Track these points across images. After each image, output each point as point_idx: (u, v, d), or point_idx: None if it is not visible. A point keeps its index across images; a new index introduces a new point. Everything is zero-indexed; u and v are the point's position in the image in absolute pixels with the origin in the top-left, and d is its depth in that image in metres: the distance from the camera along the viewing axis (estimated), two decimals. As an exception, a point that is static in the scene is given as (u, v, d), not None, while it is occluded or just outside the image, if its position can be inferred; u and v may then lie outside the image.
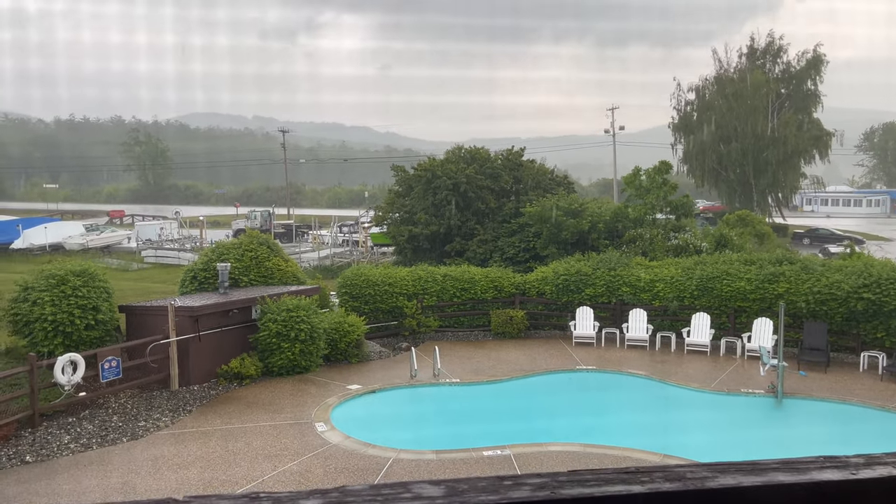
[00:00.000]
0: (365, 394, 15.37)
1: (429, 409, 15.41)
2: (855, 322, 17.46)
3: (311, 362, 16.62)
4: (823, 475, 1.11)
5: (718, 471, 1.14)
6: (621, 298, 20.38)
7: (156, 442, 12.35)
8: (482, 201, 29.56)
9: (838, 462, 1.16)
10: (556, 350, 19.12)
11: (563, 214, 25.65)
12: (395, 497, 1.05)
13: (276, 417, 13.55)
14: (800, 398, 14.88)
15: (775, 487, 1.09)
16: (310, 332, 16.40)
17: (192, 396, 14.83)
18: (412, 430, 13.95)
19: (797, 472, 1.12)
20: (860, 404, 14.50)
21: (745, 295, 18.90)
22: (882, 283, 17.09)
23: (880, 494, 1.10)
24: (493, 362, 17.91)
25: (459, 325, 21.39)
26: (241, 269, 18.59)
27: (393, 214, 31.69)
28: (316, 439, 12.41)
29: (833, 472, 1.12)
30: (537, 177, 31.65)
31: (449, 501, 1.04)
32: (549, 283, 21.28)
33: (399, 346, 19.63)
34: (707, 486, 1.09)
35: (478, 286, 21.36)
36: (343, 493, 1.07)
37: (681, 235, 26.19)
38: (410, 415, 15.21)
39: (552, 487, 1.08)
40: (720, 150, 50.76)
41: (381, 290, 20.70)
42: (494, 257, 27.01)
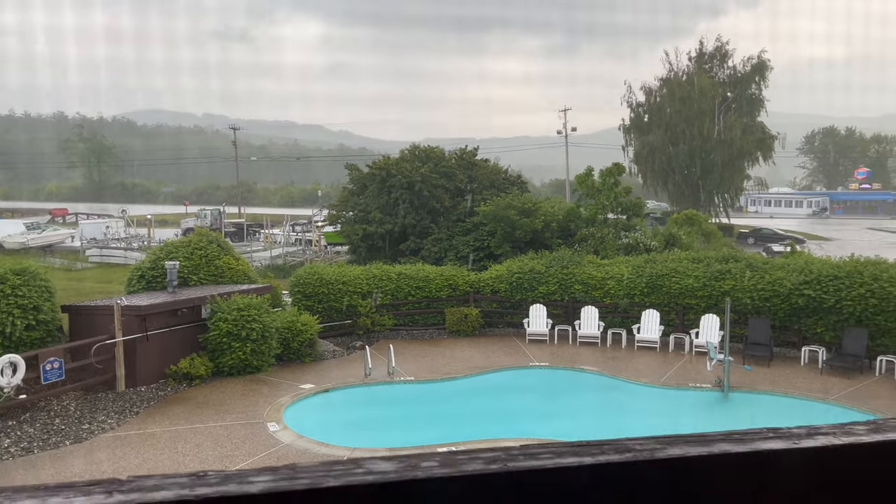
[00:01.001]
0: (318, 393, 15.23)
1: (383, 407, 15.35)
2: (796, 318, 18.06)
3: (262, 362, 16.38)
4: (767, 445, 1.14)
5: (667, 443, 1.16)
6: (574, 296, 20.65)
7: (100, 445, 12.00)
8: (437, 200, 29.59)
9: (782, 433, 1.19)
10: (509, 347, 19.27)
11: (517, 213, 25.87)
12: (346, 473, 1.04)
13: (226, 418, 13.31)
14: (745, 391, 15.33)
15: (721, 457, 1.12)
16: (261, 331, 16.16)
17: (139, 398, 14.45)
18: (366, 428, 13.88)
19: (742, 443, 1.15)
20: (801, 397, 15.01)
21: (693, 292, 19.36)
22: (821, 280, 17.71)
23: (819, 461, 1.13)
24: (448, 360, 17.95)
25: (414, 324, 21.37)
26: (191, 268, 18.20)
27: (347, 213, 31.47)
28: (268, 439, 12.24)
29: (776, 443, 1.15)
30: (491, 176, 31.84)
31: (401, 476, 1.04)
32: (504, 281, 21.43)
33: (353, 344, 19.50)
34: (656, 456, 1.11)
35: (432, 284, 21.37)
36: (293, 471, 1.05)
37: (631, 234, 26.69)
38: (365, 413, 15.13)
39: (504, 461, 1.09)
40: (669, 151, 51.92)
41: (335, 289, 20.53)
42: (449, 256, 27.07)
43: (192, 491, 0.96)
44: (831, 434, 1.19)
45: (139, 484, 0.97)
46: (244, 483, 1.01)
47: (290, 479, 1.02)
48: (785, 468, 1.14)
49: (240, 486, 1.00)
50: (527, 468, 1.07)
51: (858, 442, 1.16)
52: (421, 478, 1.04)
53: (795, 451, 1.13)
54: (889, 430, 1.21)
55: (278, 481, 1.01)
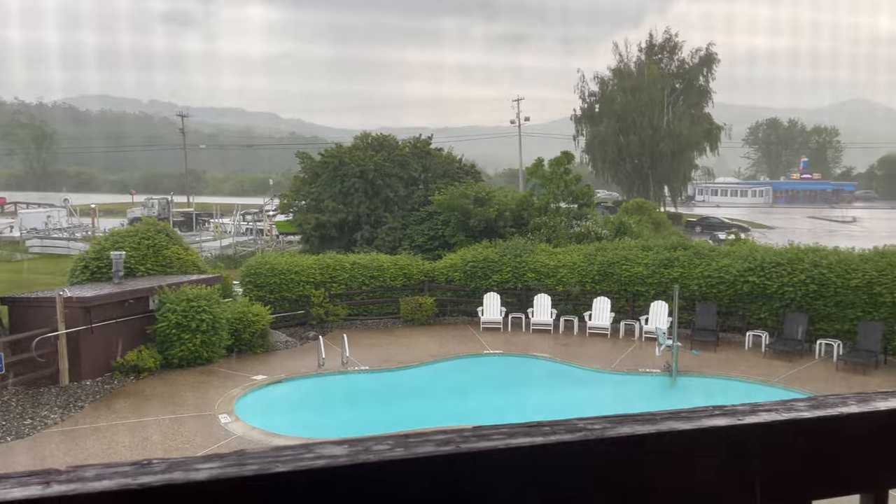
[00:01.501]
0: (271, 384, 15.05)
1: (337, 396, 15.26)
2: (741, 303, 18.60)
3: (213, 353, 16.10)
4: (713, 422, 1.17)
5: (616, 422, 1.18)
6: (527, 284, 20.86)
7: (44, 440, 11.64)
8: (391, 189, 29.46)
9: (726, 410, 1.22)
10: (464, 335, 19.36)
11: (471, 202, 25.95)
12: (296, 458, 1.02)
13: (176, 411, 13.05)
14: (692, 375, 15.75)
15: (669, 434, 1.14)
16: (212, 322, 15.87)
17: (84, 392, 14.05)
18: (320, 418, 13.80)
19: (689, 421, 1.17)
20: (745, 379, 15.50)
21: (643, 279, 19.75)
22: (765, 267, 18.27)
23: (762, 435, 1.17)
24: (403, 349, 17.94)
25: (368, 313, 21.28)
26: (138, 258, 17.73)
27: (299, 202, 31.08)
28: (219, 431, 12.05)
29: (722, 419, 1.18)
30: (445, 165, 31.85)
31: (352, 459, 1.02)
32: (458, 269, 21.50)
33: (306, 335, 19.32)
34: (606, 435, 1.12)
35: (387, 274, 21.30)
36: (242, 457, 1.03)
37: (583, 223, 27.06)
38: (318, 403, 15.03)
39: (457, 442, 1.08)
40: (620, 141, 52.73)
41: (287, 279, 20.29)
42: (403, 245, 27.01)
43: (134, 480, 0.93)
44: (774, 410, 1.23)
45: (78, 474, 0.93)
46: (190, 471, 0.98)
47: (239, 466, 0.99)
48: (730, 443, 1.17)
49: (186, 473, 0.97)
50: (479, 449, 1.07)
51: (800, 417, 1.20)
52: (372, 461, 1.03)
53: (740, 427, 1.16)
54: (828, 406, 1.26)
55: (226, 468, 0.99)
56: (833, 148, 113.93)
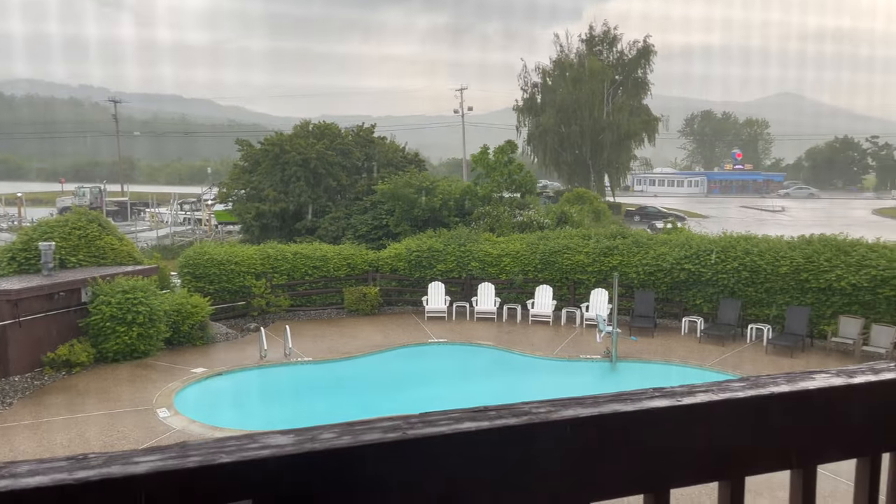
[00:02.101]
0: (211, 377, 14.74)
1: (280, 388, 15.07)
2: (678, 290, 19.17)
3: (150, 346, 15.67)
4: (653, 403, 1.21)
5: (561, 405, 1.20)
6: (471, 273, 20.99)
7: (-31, 440, 11.12)
8: (333, 178, 29.13)
9: (666, 392, 1.26)
10: (409, 325, 19.37)
11: (415, 192, 25.90)
12: (240, 448, 1.01)
13: (112, 406, 12.66)
14: (631, 361, 16.16)
15: (611, 416, 1.17)
16: (149, 314, 15.43)
17: (12, 388, 13.47)
18: (263, 410, 13.61)
19: (630, 403, 1.21)
20: (681, 364, 16.01)
21: (584, 267, 20.13)
22: (700, 255, 18.86)
23: (699, 415, 1.21)
24: (347, 339, 17.83)
25: (312, 304, 21.05)
26: (69, 249, 17.06)
27: (239, 191, 30.42)
28: (158, 426, 11.76)
29: (661, 401, 1.22)
30: (389, 154, 31.66)
31: (298, 448, 1.01)
32: (402, 259, 21.46)
33: (248, 326, 18.98)
34: (551, 418, 1.14)
35: (330, 264, 21.09)
36: (184, 449, 1.00)
37: (525, 212, 27.35)
38: (261, 395, 14.81)
39: (403, 429, 1.09)
40: (561, 131, 53.42)
41: (227, 270, 19.87)
42: (347, 235, 26.78)
43: (70, 475, 0.90)
44: (710, 391, 1.28)
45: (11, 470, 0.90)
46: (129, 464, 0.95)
47: (181, 458, 0.97)
48: (670, 423, 1.21)
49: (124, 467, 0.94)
50: (425, 435, 1.07)
51: (734, 397, 1.25)
52: (319, 449, 1.02)
53: (679, 408, 1.20)
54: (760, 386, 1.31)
55: (167, 460, 0.96)
56: (763, 140, 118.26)
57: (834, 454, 1.32)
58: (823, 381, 1.31)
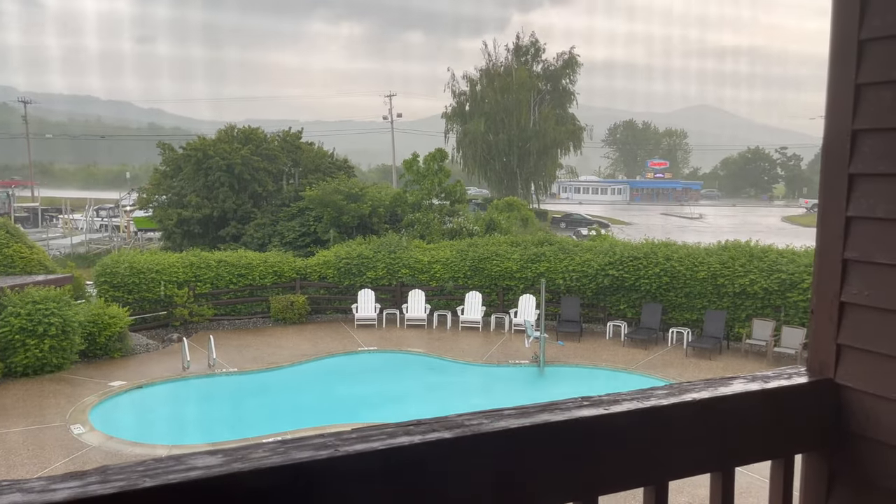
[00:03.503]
0: (130, 390, 14.17)
1: (205, 401, 14.60)
2: (603, 296, 19.68)
3: (64, 359, 14.93)
4: (582, 412, 1.24)
5: (494, 417, 1.22)
6: (401, 280, 20.95)
7: None
8: (259, 184, 28.54)
9: (593, 401, 1.30)
10: (338, 333, 19.15)
11: (344, 198, 25.67)
12: (166, 471, 0.97)
13: (20, 423, 11.98)
14: (559, 365, 16.49)
15: (542, 426, 1.19)
16: (62, 325, 14.71)
17: None
18: (187, 424, 13.16)
19: (559, 412, 1.24)
20: (607, 367, 16.44)
21: (512, 274, 20.41)
22: (624, 261, 19.44)
23: (625, 423, 1.25)
24: (274, 349, 17.48)
25: (237, 313, 20.52)
26: (-27, 258, 16.09)
27: (160, 196, 29.41)
28: (72, 443, 11.20)
29: (589, 410, 1.25)
30: (316, 160, 31.27)
31: (227, 469, 0.99)
32: (331, 266, 21.22)
33: (169, 337, 18.34)
34: (483, 430, 1.16)
35: (256, 272, 20.64)
36: (104, 474, 0.96)
37: (455, 220, 27.53)
38: (184, 409, 14.32)
39: (335, 446, 1.08)
40: (489, 139, 54.09)
41: (147, 278, 19.17)
42: (273, 242, 26.27)
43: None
44: (635, 399, 1.32)
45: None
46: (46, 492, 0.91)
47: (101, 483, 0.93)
48: (600, 432, 1.24)
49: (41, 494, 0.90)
50: (358, 451, 1.06)
51: (658, 405, 1.30)
52: (248, 469, 1.00)
53: (608, 417, 1.24)
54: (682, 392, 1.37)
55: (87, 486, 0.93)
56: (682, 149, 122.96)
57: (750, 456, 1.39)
58: (740, 387, 1.38)
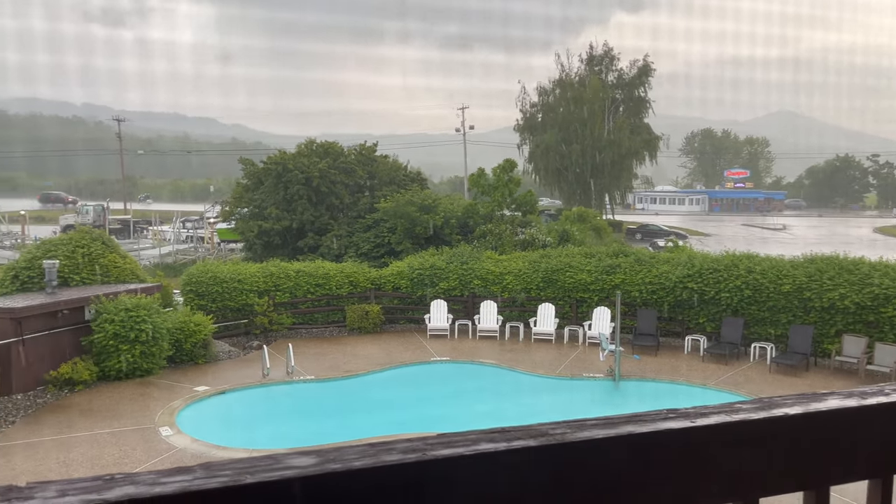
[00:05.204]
0: (214, 395, 14.71)
1: (283, 407, 15.01)
2: (680, 309, 19.14)
3: (153, 364, 15.65)
4: (667, 424, 1.22)
5: (576, 427, 1.22)
6: (473, 291, 20.98)
7: (-29, 459, 11.08)
8: (336, 196, 29.22)
9: (679, 413, 1.28)
10: (411, 343, 19.33)
11: (417, 210, 25.97)
12: (264, 468, 1.02)
13: (114, 424, 12.62)
14: (634, 379, 16.11)
15: (626, 437, 1.18)
16: (152, 332, 15.43)
17: (14, 406, 13.45)
18: (266, 429, 13.55)
19: (644, 424, 1.22)
20: (684, 382, 15.95)
21: (586, 286, 20.12)
22: (703, 273, 18.86)
23: (713, 437, 1.23)
24: (349, 357, 17.80)
25: (314, 322, 21.02)
26: (72, 267, 17.10)
27: (241, 209, 30.51)
28: (161, 444, 11.71)
29: (675, 422, 1.23)
30: (391, 172, 31.77)
31: (321, 469, 1.03)
32: (405, 277, 21.47)
33: (250, 344, 18.96)
34: (567, 439, 1.16)
35: (332, 282, 21.10)
36: (209, 470, 1.02)
37: (527, 231, 27.40)
38: (263, 414, 14.76)
39: (422, 450, 1.10)
40: (562, 150, 53.64)
41: (230, 288, 19.89)
42: (349, 252, 26.82)
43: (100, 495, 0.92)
44: (722, 412, 1.29)
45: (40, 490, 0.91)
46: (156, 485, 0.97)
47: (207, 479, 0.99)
48: (685, 445, 1.22)
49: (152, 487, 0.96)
50: (444, 456, 1.09)
51: (747, 419, 1.26)
52: (341, 470, 1.04)
53: (694, 429, 1.22)
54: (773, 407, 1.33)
55: (194, 480, 0.98)
56: (764, 158, 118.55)
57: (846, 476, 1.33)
58: (836, 403, 1.33)
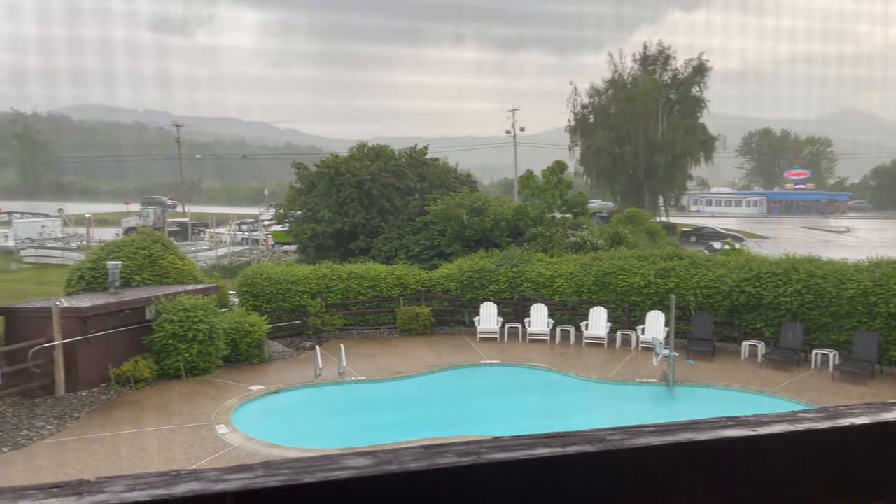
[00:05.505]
0: (267, 394, 15.01)
1: (335, 407, 15.22)
2: (737, 313, 18.64)
3: (210, 363, 16.06)
4: (728, 432, 1.20)
5: (633, 433, 1.20)
6: (523, 294, 20.87)
7: (39, 451, 11.57)
8: (387, 199, 29.48)
9: (739, 421, 1.25)
10: (461, 345, 19.35)
11: (467, 212, 25.98)
12: (322, 468, 1.04)
13: (172, 421, 13.00)
14: (689, 385, 15.77)
15: (685, 445, 1.16)
16: (208, 332, 15.84)
17: (80, 402, 13.98)
18: (318, 428, 13.75)
19: (703, 431, 1.20)
20: (741, 389, 15.53)
21: (639, 289, 19.79)
22: (761, 277, 18.33)
23: (776, 446, 1.19)
24: (399, 359, 17.92)
25: (365, 323, 21.25)
26: (134, 268, 17.70)
27: (295, 212, 31.07)
28: (216, 442, 12.01)
29: (735, 430, 1.20)
30: (441, 175, 31.89)
31: (377, 470, 1.04)
32: (454, 279, 21.50)
33: (303, 345, 19.28)
34: (625, 446, 1.14)
35: (383, 284, 21.29)
36: (269, 468, 1.04)
37: (578, 233, 27.11)
38: (316, 414, 14.99)
39: (478, 453, 1.10)
40: (615, 151, 52.90)
41: (284, 289, 20.27)
42: (400, 255, 27.01)
43: (166, 490, 0.95)
44: (785, 421, 1.25)
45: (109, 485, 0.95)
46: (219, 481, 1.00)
47: (267, 477, 1.01)
48: (746, 454, 1.19)
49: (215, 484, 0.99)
50: (500, 460, 1.09)
51: (812, 428, 1.22)
52: (397, 471, 1.05)
53: (755, 438, 1.18)
54: (838, 417, 1.28)
55: (255, 479, 1.01)
56: (826, 158, 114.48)
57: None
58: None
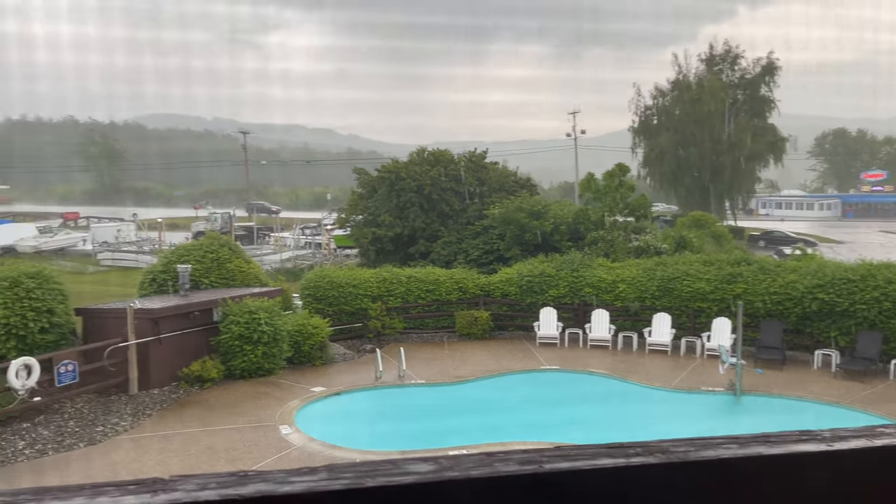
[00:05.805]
0: (329, 396, 15.26)
1: (394, 409, 15.35)
2: (809, 321, 17.93)
3: (274, 365, 16.43)
4: (800, 447, 1.15)
5: (700, 445, 1.17)
6: (584, 299, 20.60)
7: (114, 447, 12.07)
8: (446, 203, 29.61)
9: (812, 435, 1.20)
10: (520, 350, 19.24)
11: (526, 216, 25.84)
12: (385, 473, 1.05)
13: (238, 420, 13.36)
14: (758, 395, 15.24)
15: (755, 458, 1.12)
16: (273, 334, 16.21)
17: (151, 400, 14.53)
18: (378, 430, 13.90)
19: (775, 445, 1.16)
20: (814, 400, 14.91)
21: (705, 295, 19.26)
22: (835, 283, 17.58)
23: (854, 464, 1.14)
24: (458, 363, 17.94)
25: (424, 327, 21.36)
26: (202, 271, 18.29)
27: (356, 216, 31.53)
28: (280, 442, 12.28)
29: (809, 445, 1.16)
30: (500, 179, 31.82)
31: (439, 476, 1.05)
32: (514, 284, 21.40)
33: (363, 347, 19.52)
34: (690, 458, 1.12)
35: (442, 287, 21.37)
36: (332, 472, 1.06)
37: (641, 237, 26.58)
38: (376, 416, 15.15)
39: (539, 462, 1.10)
40: (679, 154, 51.68)
41: (346, 292, 20.57)
42: (459, 259, 27.06)
43: (235, 490, 0.98)
44: (863, 437, 1.20)
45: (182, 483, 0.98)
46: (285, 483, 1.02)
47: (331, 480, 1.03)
48: (819, 470, 1.15)
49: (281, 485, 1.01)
50: (562, 470, 1.07)
51: (892, 444, 1.16)
52: (458, 478, 1.05)
53: (830, 454, 1.14)
54: (921, 433, 1.22)
55: (319, 481, 1.03)
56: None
57: None
58: None
